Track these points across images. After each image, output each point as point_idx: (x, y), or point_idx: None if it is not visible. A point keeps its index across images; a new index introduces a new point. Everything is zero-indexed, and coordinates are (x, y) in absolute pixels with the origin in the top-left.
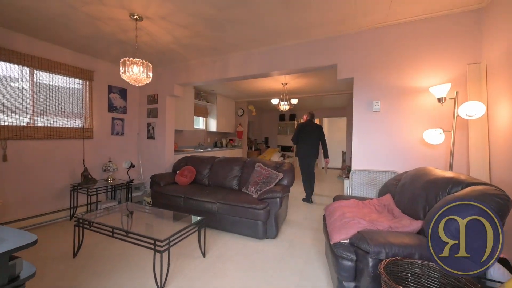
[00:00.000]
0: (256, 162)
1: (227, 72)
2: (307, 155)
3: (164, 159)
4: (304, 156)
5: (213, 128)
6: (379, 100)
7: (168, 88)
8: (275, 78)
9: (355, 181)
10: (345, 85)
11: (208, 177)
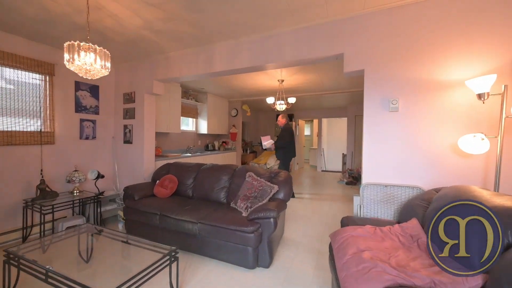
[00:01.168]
0: (247, 171)
1: (213, 65)
2: (293, 155)
3: (142, 167)
4: (292, 157)
5: (203, 130)
6: (397, 98)
7: (146, 85)
8: (270, 74)
9: (367, 197)
10: (348, 83)
11: (192, 188)
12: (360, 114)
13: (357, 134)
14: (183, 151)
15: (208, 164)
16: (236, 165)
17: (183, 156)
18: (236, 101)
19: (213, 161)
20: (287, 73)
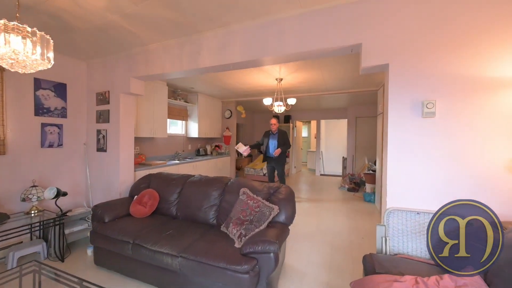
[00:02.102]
0: (242, 186)
1: (200, 59)
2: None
3: (118, 180)
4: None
5: (194, 134)
6: (434, 100)
7: (122, 84)
8: (267, 71)
9: (393, 227)
10: (352, 82)
11: (176, 205)
12: (361, 115)
13: (358, 136)
14: (171, 157)
15: (196, 176)
16: (228, 178)
17: (170, 164)
18: (230, 101)
19: (205, 167)
20: (287, 70)
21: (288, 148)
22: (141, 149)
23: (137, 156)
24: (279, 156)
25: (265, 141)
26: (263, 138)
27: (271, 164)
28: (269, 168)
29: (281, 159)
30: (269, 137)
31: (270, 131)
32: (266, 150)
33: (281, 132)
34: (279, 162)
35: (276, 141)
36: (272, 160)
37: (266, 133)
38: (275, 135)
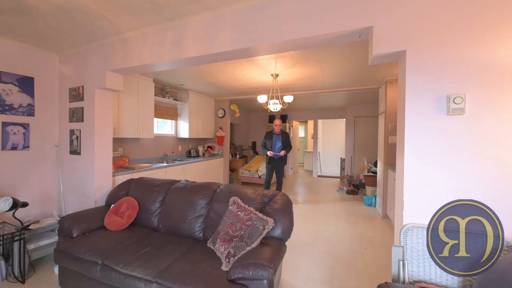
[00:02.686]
0: (232, 193)
1: (184, 48)
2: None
3: (92, 186)
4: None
5: (184, 134)
6: (464, 93)
7: (97, 78)
8: (262, 66)
9: (412, 248)
10: (352, 79)
11: (158, 215)
12: (360, 115)
13: (356, 137)
14: (159, 160)
15: (181, 181)
16: (217, 184)
17: (156, 167)
18: (224, 100)
19: (196, 169)
20: (283, 64)
21: (291, 149)
22: (125, 151)
23: (119, 159)
24: (282, 157)
25: (268, 143)
26: (265, 140)
27: (273, 165)
28: (269, 169)
29: (284, 160)
30: (273, 138)
31: (272, 131)
32: (270, 149)
33: (284, 134)
34: (281, 163)
35: (281, 142)
36: (275, 161)
37: (268, 134)
38: (278, 136)
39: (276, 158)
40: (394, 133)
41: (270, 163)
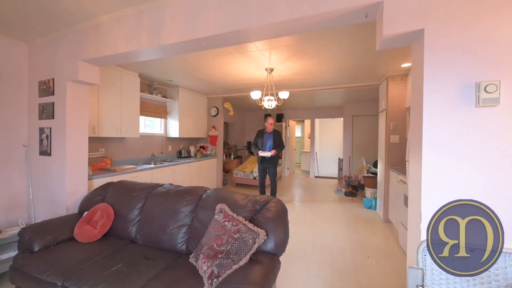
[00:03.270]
0: (219, 199)
1: (164, 33)
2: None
3: (64, 191)
4: None
5: (174, 133)
6: (498, 80)
7: (69, 69)
8: (255, 59)
9: (431, 270)
10: (350, 75)
11: (137, 224)
12: (358, 114)
13: (355, 136)
14: (146, 160)
15: (165, 185)
16: (204, 189)
17: (142, 169)
18: (217, 98)
19: (187, 171)
20: (278, 57)
21: (283, 149)
22: (107, 152)
23: (100, 160)
24: (274, 156)
25: (259, 141)
26: (256, 138)
27: (264, 165)
28: (261, 169)
29: (274, 160)
30: (264, 137)
31: (263, 130)
32: (261, 149)
33: (276, 132)
34: (272, 162)
35: (272, 141)
36: (265, 161)
37: (260, 132)
38: (270, 135)
39: (267, 158)
40: (396, 132)
41: (262, 163)
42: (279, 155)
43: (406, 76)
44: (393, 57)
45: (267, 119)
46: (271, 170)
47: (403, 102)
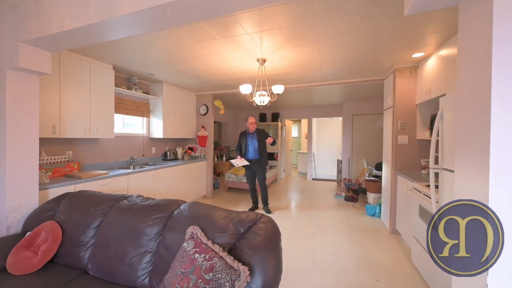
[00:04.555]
0: (194, 218)
1: (116, 3)
2: None
3: (3, 205)
4: None
5: (158, 134)
6: None
7: (8, 53)
8: (245, 47)
9: None
10: (352, 68)
11: (90, 249)
12: (358, 113)
13: (355, 136)
14: (125, 164)
15: (131, 198)
16: (177, 203)
17: (116, 174)
18: (206, 95)
19: (172, 175)
20: (271, 44)
21: (275, 143)
22: (75, 155)
23: (64, 165)
24: (261, 158)
25: (243, 143)
26: (239, 141)
27: (251, 169)
28: (249, 174)
29: (262, 162)
30: (247, 137)
31: (246, 131)
32: (245, 153)
33: (260, 131)
34: (261, 165)
35: (256, 140)
36: (253, 164)
37: (242, 133)
38: (253, 135)
39: (252, 160)
40: (404, 131)
41: (248, 167)
42: (274, 157)
43: (416, 68)
44: (403, 46)
45: (248, 118)
46: (260, 175)
47: (412, 98)
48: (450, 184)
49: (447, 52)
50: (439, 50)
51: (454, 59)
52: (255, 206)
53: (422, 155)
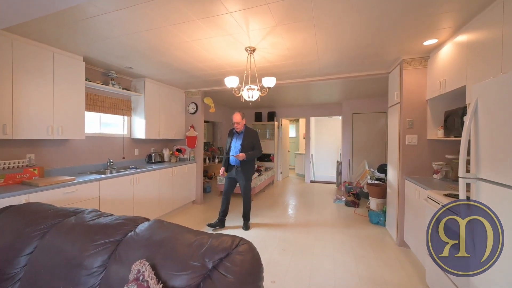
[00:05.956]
0: (150, 246)
1: None
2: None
3: None
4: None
5: (140, 134)
6: None
7: None
8: (227, 28)
9: None
10: (352, 59)
11: (18, 283)
12: (359, 111)
13: (355, 137)
14: (100, 168)
15: (80, 215)
16: (135, 222)
17: (84, 180)
18: (195, 92)
19: (155, 180)
20: (259, 27)
21: (258, 154)
22: (38, 159)
23: (21, 171)
24: (245, 163)
25: (227, 143)
26: (227, 140)
27: (231, 175)
28: (227, 182)
29: (247, 168)
30: (233, 138)
31: (233, 129)
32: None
33: (249, 132)
34: (243, 172)
35: (240, 142)
36: (233, 169)
37: (230, 132)
38: (239, 136)
39: (233, 165)
40: (413, 131)
41: (229, 173)
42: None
43: (426, 59)
44: (413, 30)
45: (233, 115)
46: (243, 185)
47: (422, 93)
48: (488, 198)
49: (469, 37)
50: (457, 35)
51: (478, 44)
52: (219, 223)
53: (433, 157)
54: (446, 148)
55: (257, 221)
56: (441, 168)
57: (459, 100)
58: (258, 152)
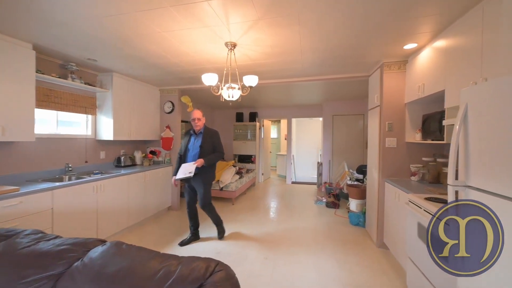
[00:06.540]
0: (103, 283)
1: None
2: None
3: None
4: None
5: (107, 135)
6: None
7: None
8: (203, 19)
9: None
10: (335, 59)
11: None
12: (339, 113)
13: (335, 138)
14: (58, 174)
15: (16, 238)
16: (88, 246)
17: (34, 190)
18: (172, 90)
19: (124, 187)
20: (241, 21)
21: (219, 158)
22: None
23: None
24: (203, 169)
25: (183, 145)
26: (181, 143)
27: (189, 183)
28: (187, 190)
29: (206, 174)
30: (189, 139)
31: (191, 129)
32: (183, 159)
33: (209, 132)
34: (202, 178)
35: (199, 144)
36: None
37: (187, 132)
38: (198, 136)
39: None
40: (393, 134)
41: (185, 181)
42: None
43: (404, 63)
44: (393, 35)
45: (192, 112)
46: (201, 192)
47: (400, 97)
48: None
49: (448, 42)
50: (436, 40)
51: (457, 49)
52: (192, 237)
53: (411, 160)
54: (423, 151)
55: (237, 226)
56: (419, 171)
57: (437, 103)
58: (219, 155)
